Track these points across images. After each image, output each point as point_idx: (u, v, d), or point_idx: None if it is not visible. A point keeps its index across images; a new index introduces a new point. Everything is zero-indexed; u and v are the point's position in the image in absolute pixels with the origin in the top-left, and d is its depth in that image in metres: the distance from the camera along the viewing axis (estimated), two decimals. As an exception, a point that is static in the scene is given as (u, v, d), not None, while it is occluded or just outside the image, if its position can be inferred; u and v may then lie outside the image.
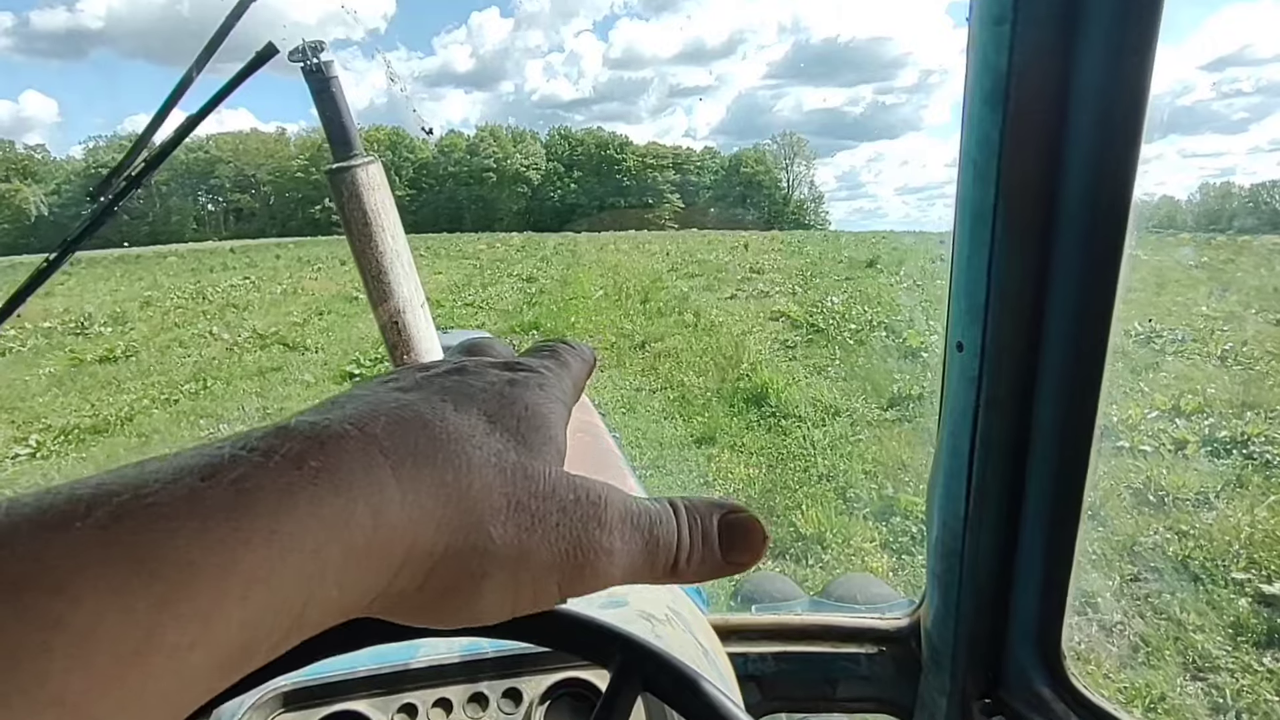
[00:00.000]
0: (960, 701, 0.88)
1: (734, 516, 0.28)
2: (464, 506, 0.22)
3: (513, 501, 0.24)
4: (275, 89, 54.20)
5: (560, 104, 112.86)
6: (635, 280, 12.98)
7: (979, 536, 0.79)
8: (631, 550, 0.26)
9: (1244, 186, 15.24)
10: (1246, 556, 3.10)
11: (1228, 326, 5.80)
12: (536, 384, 0.29)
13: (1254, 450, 3.94)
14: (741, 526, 0.28)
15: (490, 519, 0.23)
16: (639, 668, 0.39)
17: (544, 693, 0.69)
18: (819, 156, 52.81)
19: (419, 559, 0.22)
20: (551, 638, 0.41)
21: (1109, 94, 0.59)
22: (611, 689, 0.39)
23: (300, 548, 0.18)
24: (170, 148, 0.64)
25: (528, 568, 0.24)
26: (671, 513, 0.28)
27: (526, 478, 0.24)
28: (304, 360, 8.28)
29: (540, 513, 0.24)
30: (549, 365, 0.31)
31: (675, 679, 0.38)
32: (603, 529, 0.25)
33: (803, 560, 3.53)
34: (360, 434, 0.22)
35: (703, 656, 0.80)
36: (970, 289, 0.70)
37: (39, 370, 8.11)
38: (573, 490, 0.25)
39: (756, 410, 5.73)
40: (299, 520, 0.19)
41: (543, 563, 0.24)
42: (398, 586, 0.22)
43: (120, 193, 0.63)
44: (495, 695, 0.69)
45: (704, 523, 0.28)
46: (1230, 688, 2.47)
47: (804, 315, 8.82)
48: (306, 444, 0.20)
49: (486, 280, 13.93)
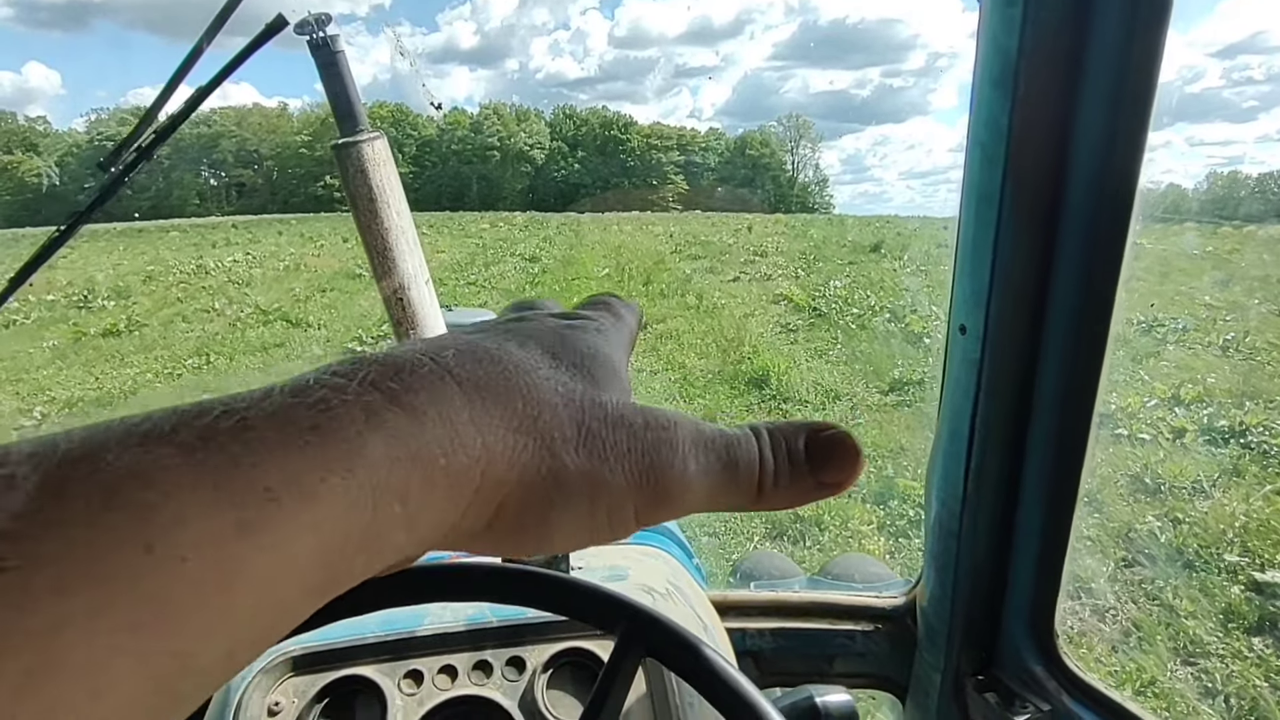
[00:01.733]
0: (954, 678, 0.90)
1: (823, 434, 0.27)
2: (535, 434, 0.23)
3: (583, 429, 0.24)
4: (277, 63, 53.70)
5: (565, 82, 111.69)
6: (638, 261, 12.94)
7: (976, 517, 0.80)
8: (709, 473, 0.25)
9: (1252, 176, 15.12)
10: (1240, 544, 3.13)
11: (1230, 316, 5.79)
12: (594, 329, 0.29)
13: (1252, 440, 3.95)
14: (832, 443, 0.27)
15: (562, 447, 0.23)
16: (643, 634, 0.40)
17: (546, 661, 0.71)
18: (825, 139, 52.31)
19: (491, 488, 0.22)
20: (559, 605, 0.42)
21: (1119, 78, 0.59)
22: (616, 654, 0.40)
23: (375, 480, 0.19)
24: (179, 120, 0.64)
25: (603, 494, 0.24)
26: (752, 436, 0.27)
27: (595, 405, 0.24)
28: (307, 336, 8.28)
29: (611, 439, 0.24)
30: (604, 315, 0.31)
31: (678, 645, 0.39)
32: (675, 453, 0.25)
33: (800, 542, 3.56)
34: (433, 362, 0.22)
35: (702, 631, 0.81)
36: (975, 272, 0.70)
37: (42, 343, 8.13)
38: (642, 416, 0.25)
39: (757, 393, 5.74)
40: (377, 448, 0.19)
41: (618, 488, 0.24)
42: (472, 516, 0.22)
43: (129, 165, 0.64)
44: (499, 663, 0.71)
45: (789, 443, 0.27)
46: (1220, 673, 2.50)
47: (806, 299, 8.80)
48: (383, 369, 0.21)
49: (489, 259, 13.88)
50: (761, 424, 0.28)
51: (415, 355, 0.22)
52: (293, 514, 0.17)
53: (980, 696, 0.86)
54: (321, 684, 0.68)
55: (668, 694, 0.68)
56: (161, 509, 0.15)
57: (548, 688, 0.70)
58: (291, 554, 0.17)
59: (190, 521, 0.16)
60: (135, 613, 0.15)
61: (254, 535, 0.16)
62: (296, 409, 0.19)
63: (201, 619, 0.16)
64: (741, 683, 0.37)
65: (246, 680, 0.67)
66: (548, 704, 0.68)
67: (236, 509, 0.16)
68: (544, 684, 0.70)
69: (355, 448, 0.19)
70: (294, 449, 0.18)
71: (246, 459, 0.17)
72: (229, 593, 0.16)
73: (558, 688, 0.71)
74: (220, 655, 0.16)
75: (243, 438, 0.17)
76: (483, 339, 0.25)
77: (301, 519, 0.17)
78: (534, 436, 0.23)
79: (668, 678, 0.69)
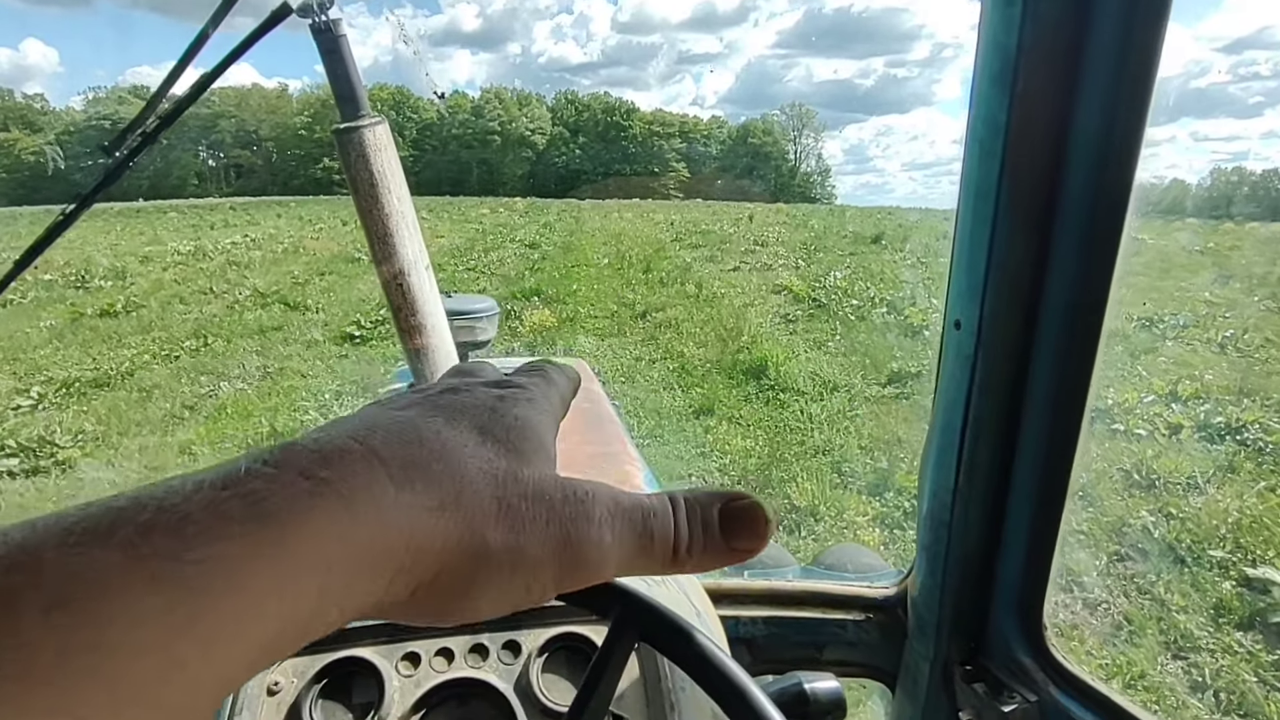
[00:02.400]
0: (943, 667, 0.91)
1: (736, 504, 0.29)
2: (458, 512, 0.24)
3: (504, 505, 0.25)
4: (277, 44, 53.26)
5: (567, 67, 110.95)
6: (638, 249, 12.92)
7: (968, 510, 0.81)
8: (624, 543, 0.27)
9: (1255, 172, 15.06)
10: (1233, 540, 3.15)
11: (1230, 313, 5.80)
12: (525, 399, 0.30)
13: (1248, 437, 3.97)
14: (744, 513, 0.29)
15: (483, 523, 0.24)
16: (636, 620, 0.41)
17: (542, 645, 0.72)
18: (827, 129, 52.09)
19: (418, 564, 0.23)
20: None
21: (1117, 76, 0.59)
22: (610, 639, 0.41)
23: (310, 561, 0.20)
24: (185, 105, 0.65)
25: (522, 566, 0.25)
26: (669, 504, 0.28)
27: (516, 481, 0.26)
28: (305, 320, 8.28)
29: (530, 514, 0.25)
30: (536, 382, 0.32)
31: (671, 631, 0.40)
32: (591, 524, 0.26)
33: (796, 532, 3.58)
34: (361, 447, 0.23)
35: (695, 618, 0.82)
36: (970, 268, 0.71)
37: (40, 323, 8.12)
38: (560, 490, 0.26)
39: (755, 383, 5.75)
40: (309, 532, 0.20)
41: (536, 560, 0.25)
42: (397, 590, 0.23)
43: (136, 149, 0.64)
44: (495, 646, 0.72)
45: (704, 512, 0.28)
46: (1210, 667, 2.53)
47: (806, 289, 8.79)
48: (313, 457, 0.22)
49: (489, 245, 13.85)
50: (680, 492, 0.29)
51: (345, 441, 0.23)
52: (231, 607, 0.18)
53: (968, 686, 0.88)
54: (320, 665, 0.69)
55: (660, 679, 0.69)
56: (99, 610, 0.16)
57: (543, 671, 0.71)
58: (230, 643, 0.18)
59: (129, 621, 0.16)
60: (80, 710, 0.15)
61: (195, 628, 0.17)
62: (230, 501, 0.19)
63: (142, 710, 0.16)
64: (733, 668, 0.38)
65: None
66: (542, 687, 0.70)
67: (175, 605, 0.17)
68: (539, 667, 0.71)
69: (290, 536, 0.20)
70: (231, 542, 0.18)
71: (187, 554, 0.18)
72: (169, 685, 0.17)
73: (553, 671, 0.72)
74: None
75: (182, 533, 0.18)
76: (413, 416, 0.26)
77: (240, 611, 0.18)
78: (457, 514, 0.24)
79: (661, 663, 0.70)
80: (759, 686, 0.38)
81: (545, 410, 0.31)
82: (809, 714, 0.83)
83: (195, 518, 0.18)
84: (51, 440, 4.70)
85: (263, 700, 0.67)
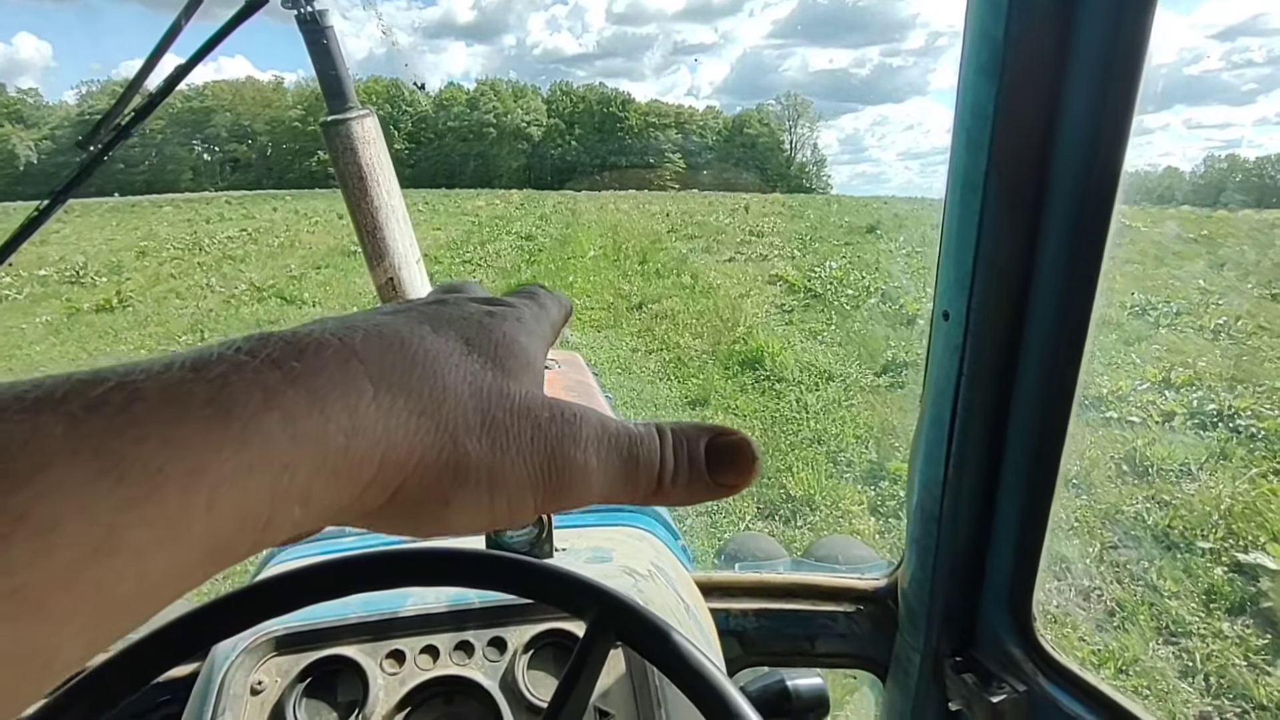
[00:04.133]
0: (933, 659, 0.91)
1: (723, 439, 0.28)
2: (438, 421, 0.23)
3: (487, 418, 0.24)
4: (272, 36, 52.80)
5: (563, 59, 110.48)
6: (634, 241, 12.89)
7: (957, 502, 0.80)
8: (609, 467, 0.26)
9: (1249, 159, 15.07)
10: (1225, 526, 3.17)
11: (1223, 300, 5.81)
12: (514, 317, 0.29)
13: (1240, 424, 3.99)
14: (731, 448, 0.28)
15: (465, 435, 0.23)
16: (614, 619, 0.40)
17: (528, 642, 0.72)
18: (823, 119, 51.98)
19: (390, 472, 0.22)
20: (532, 590, 0.43)
21: (1105, 66, 0.59)
22: (587, 638, 0.40)
23: (271, 460, 0.19)
24: (161, 96, 0.64)
25: (502, 482, 0.24)
26: (655, 434, 0.28)
27: (502, 395, 0.25)
28: (302, 314, 8.25)
29: (515, 430, 0.24)
30: (527, 303, 0.31)
31: (648, 630, 0.40)
32: (578, 446, 0.25)
33: (791, 521, 3.59)
34: (340, 343, 0.22)
35: (684, 611, 0.82)
36: (959, 259, 0.70)
37: (35, 318, 8.09)
38: (548, 409, 0.25)
39: (751, 373, 5.75)
40: (273, 428, 0.19)
41: (518, 478, 0.24)
42: (367, 499, 0.22)
43: (110, 142, 0.63)
44: (481, 644, 0.72)
45: (690, 445, 0.28)
46: (1200, 652, 2.54)
47: (802, 280, 8.79)
48: (287, 348, 0.21)
49: (485, 238, 13.82)
50: (666, 423, 0.28)
51: (323, 335, 0.22)
52: (181, 489, 0.17)
53: (958, 677, 0.88)
54: (304, 664, 0.69)
55: (648, 673, 0.69)
56: (36, 479, 0.15)
57: (529, 668, 0.71)
58: (178, 530, 0.17)
59: (67, 493, 0.15)
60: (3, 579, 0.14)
61: (136, 508, 0.16)
62: (195, 384, 0.18)
63: (70, 597, 0.15)
64: (709, 669, 0.38)
65: (230, 660, 0.67)
66: (528, 684, 0.69)
67: (119, 483, 0.16)
68: (525, 664, 0.71)
69: (251, 426, 0.18)
70: (187, 424, 0.17)
71: (132, 431, 0.17)
72: (101, 567, 0.15)
73: (539, 668, 0.72)
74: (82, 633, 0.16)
75: (132, 410, 0.17)
76: (397, 321, 0.25)
77: (191, 495, 0.17)
78: (436, 423, 0.23)
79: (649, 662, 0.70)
80: (736, 688, 0.37)
81: (535, 332, 0.29)
82: (792, 710, 0.83)
83: (149, 396, 0.17)
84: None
85: (246, 699, 0.66)
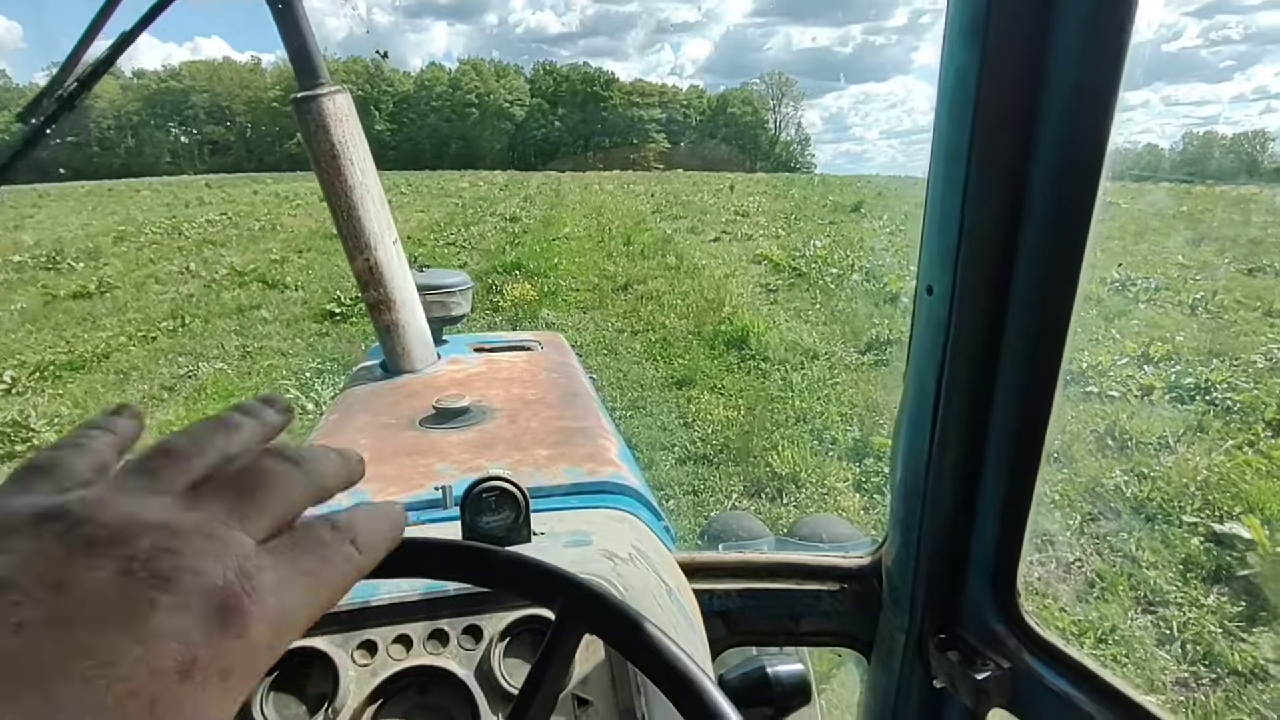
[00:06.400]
0: (917, 637, 0.91)
1: None
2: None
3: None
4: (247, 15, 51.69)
5: (546, 38, 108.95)
6: (619, 221, 12.82)
7: (940, 479, 0.80)
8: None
9: (1226, 136, 15.20)
10: (1202, 498, 3.22)
11: (1201, 275, 5.87)
12: None
13: (1216, 397, 4.04)
14: None
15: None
16: (584, 610, 0.39)
17: (503, 630, 0.70)
18: (807, 97, 51.72)
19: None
20: (499, 580, 0.41)
21: (1091, 33, 0.57)
22: (556, 629, 0.39)
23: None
24: (103, 68, 0.60)
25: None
26: None
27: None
28: (284, 298, 8.15)
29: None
30: None
31: (619, 621, 0.38)
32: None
33: (777, 499, 3.60)
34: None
35: (666, 594, 0.81)
36: (943, 232, 0.68)
37: (10, 305, 7.93)
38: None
39: (736, 353, 5.75)
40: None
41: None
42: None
43: (51, 115, 0.60)
44: (455, 632, 0.70)
45: None
46: (1177, 620, 2.59)
47: (786, 259, 8.78)
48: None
49: (469, 219, 13.68)
50: None
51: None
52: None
53: (942, 654, 0.88)
54: None
55: (626, 661, 0.68)
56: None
57: (505, 656, 0.69)
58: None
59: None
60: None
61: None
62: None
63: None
64: (683, 661, 0.36)
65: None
66: (504, 673, 0.68)
67: None
68: (500, 652, 0.69)
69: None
70: None
71: None
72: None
73: (515, 656, 0.70)
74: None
75: None
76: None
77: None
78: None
79: None
80: (709, 679, 0.36)
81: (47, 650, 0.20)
82: (773, 698, 0.82)
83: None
84: (26, 424, 4.59)
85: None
